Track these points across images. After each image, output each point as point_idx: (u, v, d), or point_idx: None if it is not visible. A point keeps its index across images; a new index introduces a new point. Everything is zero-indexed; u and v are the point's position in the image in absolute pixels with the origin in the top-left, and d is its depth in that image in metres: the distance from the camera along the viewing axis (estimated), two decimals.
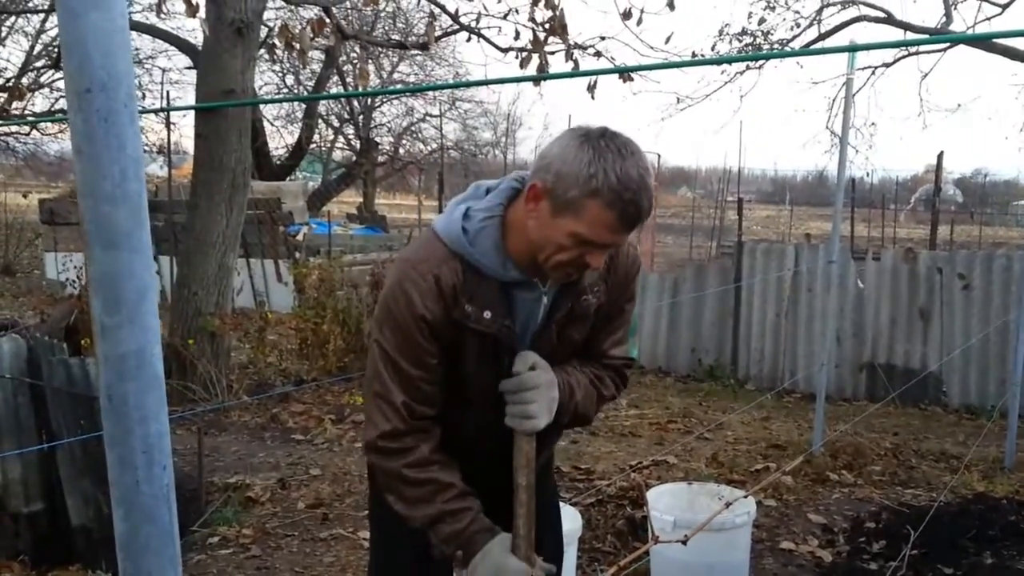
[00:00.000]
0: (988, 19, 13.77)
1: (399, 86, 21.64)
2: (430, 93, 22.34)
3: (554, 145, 1.56)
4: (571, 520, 3.21)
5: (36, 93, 15.82)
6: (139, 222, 0.76)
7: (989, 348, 7.01)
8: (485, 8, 8.18)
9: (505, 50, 7.64)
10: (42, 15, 14.82)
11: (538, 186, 1.54)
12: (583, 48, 7.40)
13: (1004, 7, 13.44)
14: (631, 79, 6.80)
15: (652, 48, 8.39)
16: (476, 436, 1.76)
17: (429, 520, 1.67)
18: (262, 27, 7.24)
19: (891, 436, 5.78)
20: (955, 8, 13.54)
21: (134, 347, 0.78)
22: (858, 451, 5.35)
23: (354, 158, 23.49)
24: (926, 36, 13.11)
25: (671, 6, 7.34)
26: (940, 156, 12.17)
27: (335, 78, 20.07)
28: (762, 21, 14.22)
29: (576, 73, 7.00)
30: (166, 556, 0.82)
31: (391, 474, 1.69)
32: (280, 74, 21.02)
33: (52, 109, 15.91)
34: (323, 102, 21.48)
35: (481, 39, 7.84)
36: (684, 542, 1.80)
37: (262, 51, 7.05)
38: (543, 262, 1.57)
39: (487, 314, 1.63)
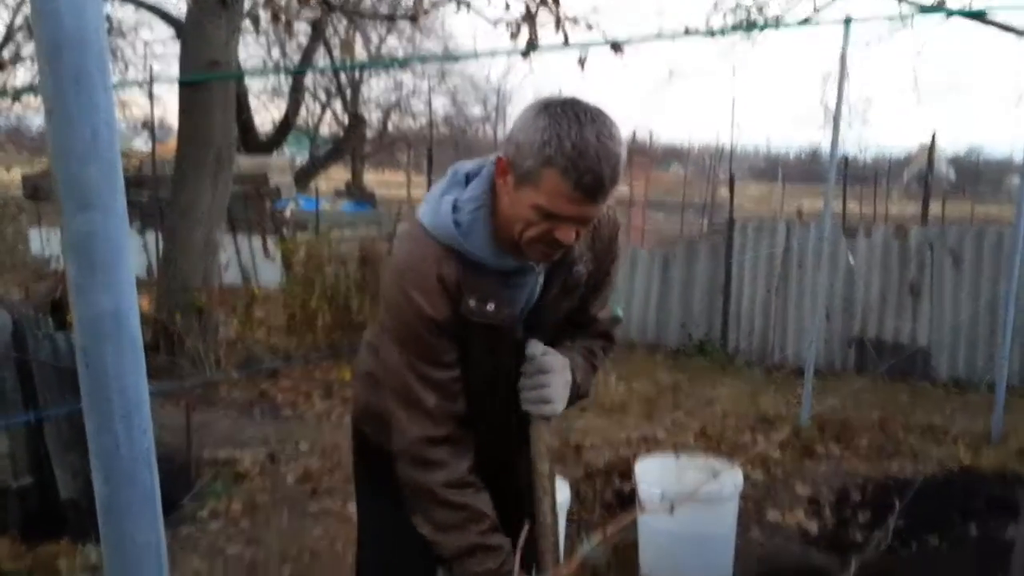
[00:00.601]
0: None
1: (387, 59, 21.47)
2: (419, 67, 22.19)
3: (519, 117, 1.52)
4: (560, 492, 3.21)
5: (17, 66, 15.62)
6: (113, 182, 0.74)
7: (978, 323, 7.04)
8: None
9: (495, 22, 7.56)
10: None
11: (503, 160, 1.51)
12: (574, 21, 7.32)
13: None
14: (622, 51, 6.74)
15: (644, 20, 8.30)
16: (473, 426, 1.73)
17: (460, 551, 1.62)
18: None
19: (879, 410, 5.80)
20: None
21: (110, 308, 0.76)
22: (845, 424, 5.39)
23: (342, 133, 23.33)
24: (921, 5, 13.03)
25: None
26: (934, 134, 12.21)
27: (322, 51, 19.89)
28: None
29: (567, 46, 6.94)
30: (147, 519, 0.81)
31: (424, 491, 1.63)
32: (266, 47, 20.83)
33: (34, 83, 15.72)
34: (310, 76, 21.31)
35: (470, 10, 7.75)
36: (671, 511, 1.80)
37: (247, 22, 6.94)
38: (518, 240, 1.54)
39: (491, 306, 1.60)
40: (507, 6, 7.27)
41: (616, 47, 6.62)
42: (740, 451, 4.87)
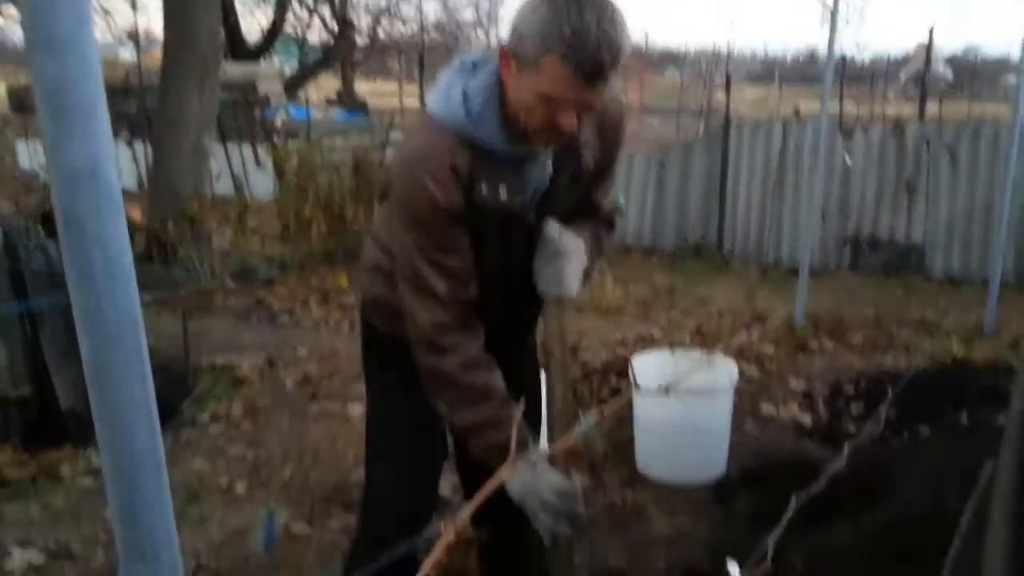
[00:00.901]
0: None
1: None
2: None
3: (521, 7, 1.53)
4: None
5: None
6: (82, 22, 0.70)
7: (973, 220, 7.02)
8: None
9: None
10: None
11: (506, 50, 1.53)
12: None
13: None
14: None
15: None
16: (483, 313, 1.75)
17: (473, 426, 1.68)
18: None
19: (873, 306, 5.83)
20: None
21: (87, 162, 0.73)
22: (839, 321, 5.42)
23: (331, 41, 22.81)
24: None
25: None
26: (931, 34, 11.94)
27: None
28: None
29: None
30: (136, 378, 0.79)
31: (438, 375, 1.68)
32: None
33: None
34: None
35: None
36: (666, 394, 1.82)
37: None
38: (524, 127, 1.57)
39: (503, 194, 1.63)
40: None
41: None
42: (735, 348, 4.90)
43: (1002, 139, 6.70)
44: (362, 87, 26.35)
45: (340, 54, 22.19)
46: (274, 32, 19.92)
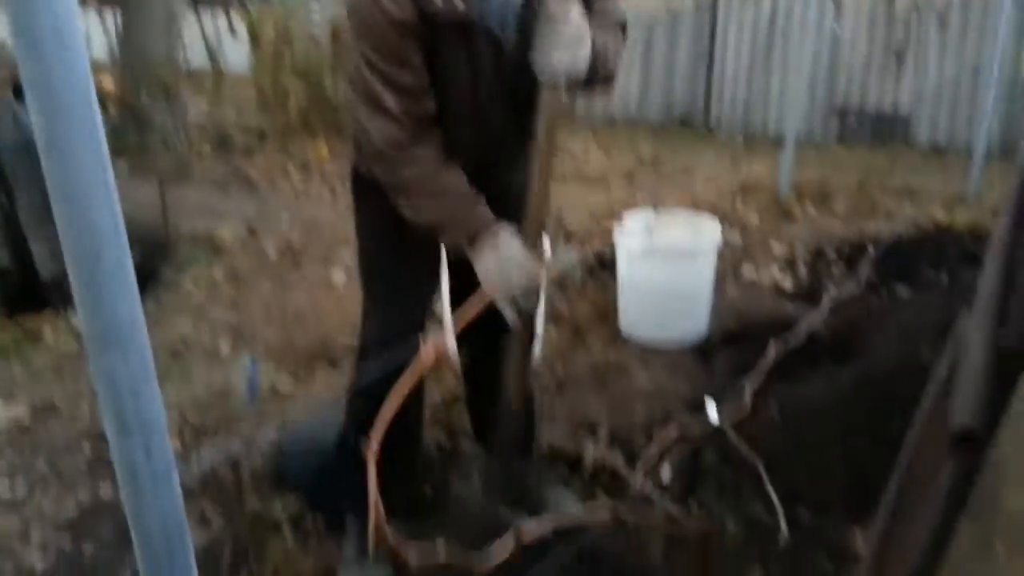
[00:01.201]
0: None
1: None
2: None
3: None
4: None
5: None
6: None
7: (960, 88, 6.93)
8: None
9: None
10: None
11: None
12: None
13: None
14: None
15: None
16: (460, 156, 1.74)
17: (437, 224, 1.71)
18: None
19: (857, 175, 5.80)
20: None
21: (49, 20, 0.68)
22: (824, 189, 5.40)
23: None
24: None
25: None
26: None
27: None
28: None
29: None
30: (102, 203, 0.77)
31: (399, 187, 1.71)
32: None
33: None
34: None
35: None
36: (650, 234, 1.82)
37: None
38: None
39: (459, 2, 1.56)
40: None
41: None
42: (719, 216, 4.89)
43: (992, 5, 6.54)
44: None
45: None
46: None
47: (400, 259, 1.91)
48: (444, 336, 1.70)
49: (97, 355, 0.86)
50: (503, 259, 1.66)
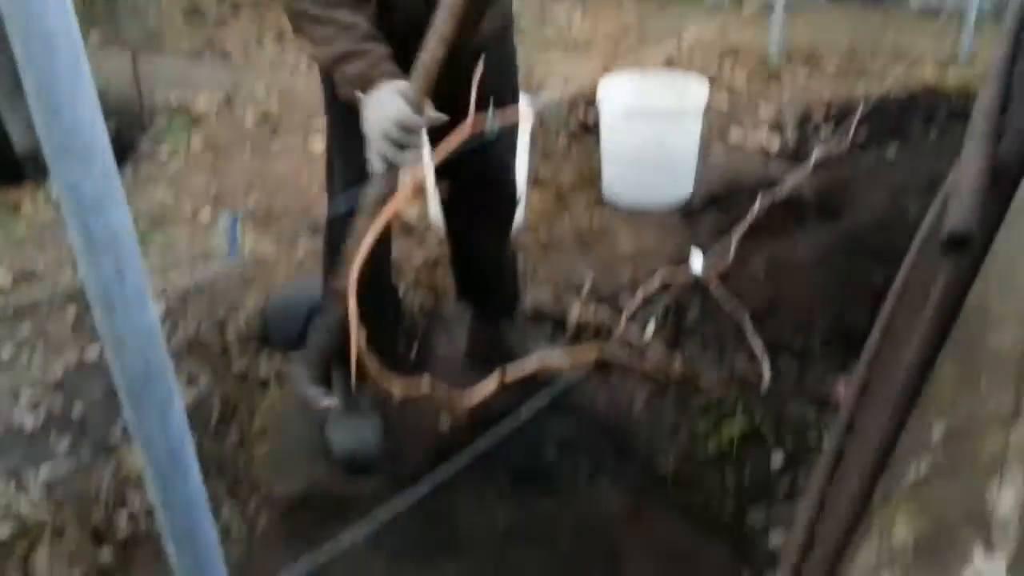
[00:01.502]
0: None
1: None
2: None
3: None
4: (527, 113, 3.14)
5: None
6: None
7: None
8: None
9: None
10: None
11: None
12: None
13: None
14: None
15: None
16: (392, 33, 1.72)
17: (335, 58, 1.69)
18: None
19: (848, 37, 5.66)
20: None
21: None
22: (813, 52, 5.28)
23: None
24: None
25: None
26: None
27: None
28: None
29: None
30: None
31: (299, 14, 1.70)
32: None
33: None
34: None
35: None
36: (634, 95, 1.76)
37: None
38: None
39: None
40: None
41: None
42: (706, 79, 4.79)
43: None
44: None
45: None
46: None
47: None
48: (421, 168, 1.67)
49: (58, 166, 0.83)
50: (382, 104, 1.62)
